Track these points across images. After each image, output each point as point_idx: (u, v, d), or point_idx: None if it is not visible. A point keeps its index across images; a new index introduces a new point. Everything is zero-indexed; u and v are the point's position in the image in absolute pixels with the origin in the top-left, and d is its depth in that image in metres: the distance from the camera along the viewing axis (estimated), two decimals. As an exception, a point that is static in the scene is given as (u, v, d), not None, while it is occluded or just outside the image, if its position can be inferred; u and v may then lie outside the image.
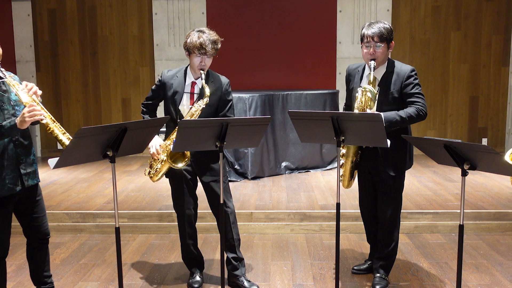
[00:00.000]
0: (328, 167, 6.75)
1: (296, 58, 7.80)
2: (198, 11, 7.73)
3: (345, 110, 3.61)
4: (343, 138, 2.92)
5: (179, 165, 3.32)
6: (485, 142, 7.79)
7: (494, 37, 7.65)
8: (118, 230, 2.76)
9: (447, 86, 7.79)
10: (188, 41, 3.29)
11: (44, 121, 2.75)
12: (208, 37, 3.26)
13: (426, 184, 5.88)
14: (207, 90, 3.25)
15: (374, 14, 7.61)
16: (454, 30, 7.66)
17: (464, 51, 7.70)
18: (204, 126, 2.87)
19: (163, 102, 3.49)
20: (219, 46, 3.33)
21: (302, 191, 5.60)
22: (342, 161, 3.42)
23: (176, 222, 3.81)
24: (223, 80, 3.45)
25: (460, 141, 2.56)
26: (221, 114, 3.41)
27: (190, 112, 3.30)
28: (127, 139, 2.64)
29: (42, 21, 7.84)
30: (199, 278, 3.61)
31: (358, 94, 3.25)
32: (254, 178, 6.14)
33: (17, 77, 2.97)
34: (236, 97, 5.94)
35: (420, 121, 3.24)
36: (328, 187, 5.78)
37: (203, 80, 3.27)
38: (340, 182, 3.19)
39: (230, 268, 3.56)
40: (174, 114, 3.39)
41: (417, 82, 3.29)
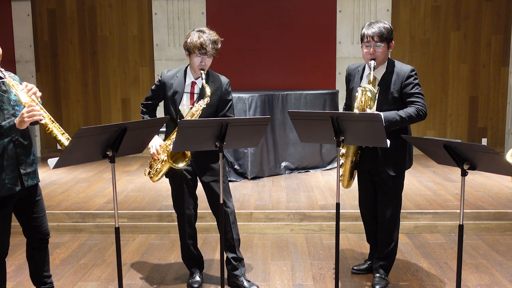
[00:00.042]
0: (328, 167, 6.75)
1: (295, 58, 7.80)
2: (198, 11, 7.73)
3: (345, 110, 3.61)
4: (343, 138, 2.92)
5: (180, 165, 3.31)
6: (484, 142, 7.79)
7: (493, 37, 7.65)
8: (117, 230, 2.76)
9: (447, 86, 7.79)
10: (188, 41, 3.29)
11: (43, 121, 2.75)
12: (208, 37, 3.26)
13: (426, 184, 5.88)
14: (208, 90, 3.25)
15: (373, 14, 7.61)
16: (454, 30, 7.66)
17: (463, 51, 7.70)
18: (203, 126, 2.87)
19: (163, 102, 3.49)
20: (219, 46, 3.33)
21: (301, 191, 5.60)
22: (341, 161, 3.42)
23: (175, 222, 3.81)
24: (223, 80, 3.45)
25: (459, 141, 2.56)
26: (221, 114, 3.41)
27: (191, 112, 3.29)
28: (127, 139, 2.64)
29: (41, 21, 7.83)
30: (199, 278, 3.61)
31: (358, 93, 3.25)
32: (253, 178, 6.14)
33: (17, 77, 2.97)
34: (235, 97, 5.94)
35: (420, 121, 3.24)
36: (327, 187, 5.78)
37: (204, 80, 3.27)
38: (339, 182, 3.19)
39: (230, 268, 3.56)
40: (174, 114, 3.39)
41: (417, 82, 3.29)
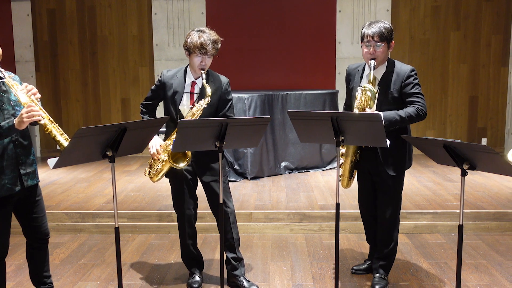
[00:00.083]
0: (327, 167, 6.75)
1: (295, 58, 7.80)
2: (197, 11, 7.73)
3: (344, 110, 3.61)
4: (343, 138, 2.92)
5: (181, 164, 3.31)
6: (484, 142, 7.79)
7: (493, 37, 7.66)
8: (117, 230, 2.76)
9: (447, 86, 7.79)
10: (188, 41, 3.28)
11: (42, 121, 2.73)
12: (208, 37, 3.26)
13: (425, 184, 5.88)
14: (209, 90, 3.25)
15: (373, 14, 7.61)
16: (454, 30, 7.67)
17: (463, 51, 7.70)
18: (203, 126, 2.87)
19: (163, 102, 3.49)
20: (219, 45, 3.33)
21: (301, 191, 5.60)
22: (341, 160, 3.42)
23: (175, 222, 3.81)
24: (223, 79, 3.45)
25: (459, 141, 2.56)
26: (221, 113, 3.40)
27: (191, 112, 3.29)
28: (127, 139, 2.64)
29: (41, 21, 7.83)
30: (199, 278, 3.61)
31: (358, 93, 3.25)
32: (253, 178, 6.14)
33: (17, 77, 2.97)
34: (235, 97, 5.93)
35: (419, 121, 3.24)
36: (327, 187, 5.78)
37: (204, 79, 3.27)
38: (339, 182, 3.19)
39: (230, 268, 3.56)
40: (174, 114, 3.39)
41: (417, 82, 3.29)
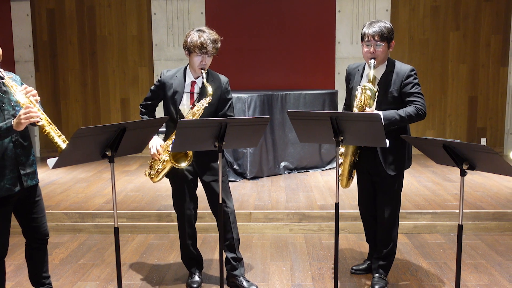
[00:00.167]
0: (327, 167, 6.75)
1: (295, 58, 7.80)
2: (197, 11, 7.73)
3: (344, 110, 3.61)
4: (342, 138, 2.92)
5: (182, 164, 3.30)
6: (484, 142, 7.79)
7: (493, 37, 7.66)
8: (117, 230, 2.76)
9: (446, 86, 7.79)
10: (188, 40, 3.28)
11: (40, 123, 2.73)
12: (208, 36, 3.26)
13: (425, 184, 5.88)
14: (210, 89, 3.25)
15: (373, 14, 7.61)
16: (453, 30, 7.67)
17: (463, 51, 7.71)
18: (203, 126, 2.87)
19: (163, 102, 3.48)
20: (219, 45, 3.33)
21: (301, 191, 5.60)
22: (340, 160, 3.42)
23: (175, 222, 3.81)
24: (223, 79, 3.45)
25: (459, 141, 2.56)
26: (221, 113, 3.40)
27: (192, 111, 3.29)
28: (126, 139, 2.64)
29: (41, 21, 7.83)
30: (198, 278, 3.60)
31: (357, 92, 3.25)
32: (253, 178, 6.14)
33: (18, 77, 2.96)
34: (235, 97, 5.93)
35: (419, 120, 3.24)
36: (327, 187, 5.78)
37: (205, 79, 3.27)
38: (338, 182, 3.19)
39: (229, 268, 3.56)
40: (175, 114, 3.39)
41: (416, 81, 3.29)
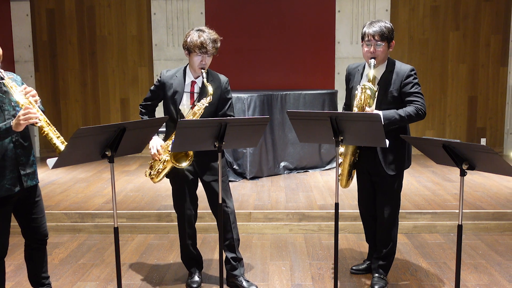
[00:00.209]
0: (326, 167, 6.75)
1: (294, 58, 7.80)
2: (196, 11, 7.73)
3: (344, 110, 3.61)
4: (342, 138, 2.91)
5: (183, 164, 3.29)
6: (483, 142, 7.79)
7: (492, 37, 7.66)
8: (116, 230, 2.76)
9: (446, 86, 7.79)
10: (188, 40, 3.28)
11: (39, 124, 2.72)
12: (208, 36, 3.26)
13: (424, 184, 5.88)
14: (210, 89, 3.25)
15: (372, 14, 7.61)
16: (453, 30, 7.67)
17: (462, 51, 7.71)
18: (202, 126, 2.87)
19: (163, 102, 3.48)
20: (219, 44, 3.33)
21: (300, 191, 5.60)
22: (340, 160, 3.42)
23: (174, 222, 3.81)
24: (222, 78, 3.45)
25: (458, 141, 2.56)
26: (221, 112, 3.40)
27: (193, 111, 3.29)
28: (126, 139, 2.64)
29: (40, 21, 7.83)
30: (198, 278, 3.60)
31: (357, 91, 3.25)
32: (252, 178, 6.14)
33: (19, 77, 2.96)
34: (234, 97, 5.93)
35: (419, 120, 3.24)
36: (326, 187, 5.78)
37: (205, 79, 3.27)
38: (338, 182, 3.19)
39: (229, 268, 3.56)
40: (175, 113, 3.39)
41: (416, 81, 3.29)
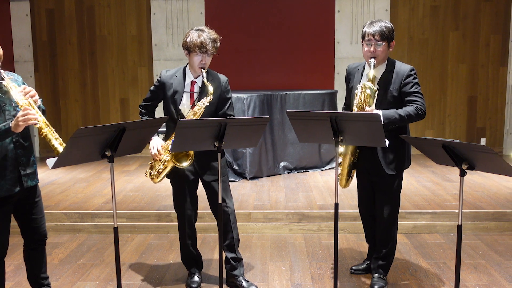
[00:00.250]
0: (326, 167, 6.75)
1: (294, 58, 7.80)
2: (196, 11, 7.73)
3: (344, 110, 3.61)
4: (342, 138, 2.91)
5: (184, 164, 3.29)
6: (483, 142, 7.79)
7: (492, 37, 7.66)
8: (116, 230, 2.76)
9: (446, 86, 7.79)
10: (188, 40, 3.28)
11: (37, 125, 2.71)
12: (208, 35, 3.26)
13: (424, 184, 5.88)
14: (211, 88, 3.25)
15: (372, 14, 7.61)
16: (453, 30, 7.67)
17: (462, 51, 7.71)
18: (202, 126, 2.87)
19: (163, 102, 3.48)
20: (219, 44, 3.33)
21: (300, 191, 5.60)
22: (340, 159, 3.42)
23: (174, 222, 3.81)
24: (222, 78, 3.45)
25: (458, 141, 2.56)
26: (221, 112, 3.40)
27: (193, 110, 3.29)
28: (126, 139, 2.64)
29: (40, 21, 7.83)
30: (198, 278, 3.60)
31: (357, 91, 3.25)
32: (252, 178, 6.14)
33: (20, 77, 2.95)
34: (234, 97, 5.93)
35: (418, 120, 3.24)
36: (326, 187, 5.78)
37: (205, 78, 3.27)
38: (338, 182, 3.19)
39: (229, 268, 3.56)
40: (175, 113, 3.39)
41: (416, 81, 3.29)
